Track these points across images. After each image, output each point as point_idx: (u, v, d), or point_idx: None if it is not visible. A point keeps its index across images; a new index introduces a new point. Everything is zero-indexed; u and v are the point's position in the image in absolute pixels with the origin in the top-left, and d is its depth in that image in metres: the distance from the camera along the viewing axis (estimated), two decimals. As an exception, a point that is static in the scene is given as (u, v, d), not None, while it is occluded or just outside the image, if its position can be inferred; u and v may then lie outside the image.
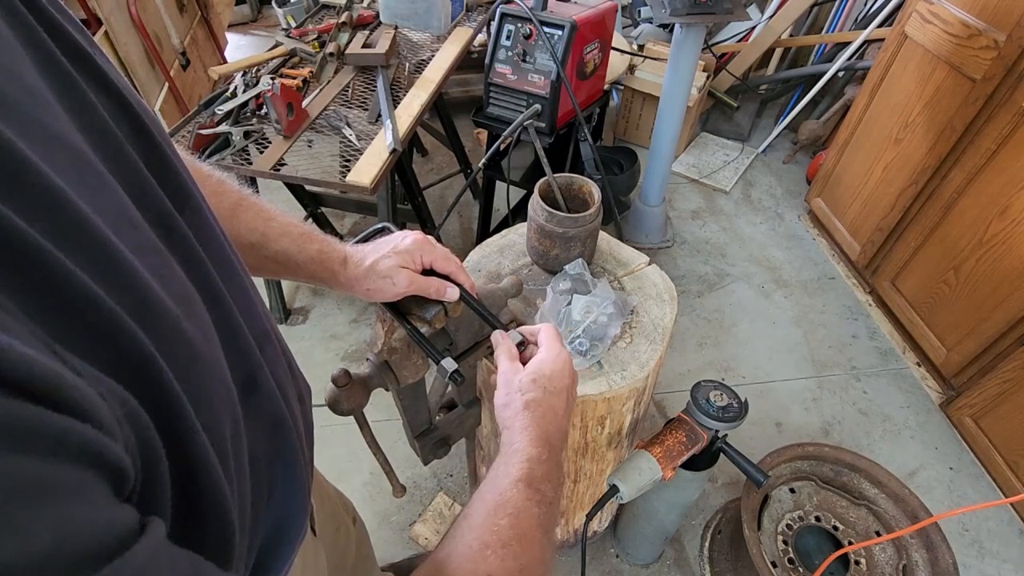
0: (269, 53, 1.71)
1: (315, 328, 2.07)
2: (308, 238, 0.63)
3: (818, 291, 2.22)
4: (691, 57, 1.83)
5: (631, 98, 2.82)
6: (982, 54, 1.59)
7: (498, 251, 1.13)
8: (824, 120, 2.76)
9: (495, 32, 1.69)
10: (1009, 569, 1.49)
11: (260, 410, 0.41)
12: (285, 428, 0.45)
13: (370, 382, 0.73)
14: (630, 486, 0.93)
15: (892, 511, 1.26)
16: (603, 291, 0.94)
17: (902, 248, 1.95)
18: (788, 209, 2.59)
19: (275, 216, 0.62)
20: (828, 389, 1.89)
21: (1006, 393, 1.55)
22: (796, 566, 1.19)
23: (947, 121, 1.73)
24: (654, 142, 2.10)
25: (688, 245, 2.41)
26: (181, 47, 2.50)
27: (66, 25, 0.31)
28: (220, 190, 0.59)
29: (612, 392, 0.90)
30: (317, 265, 0.64)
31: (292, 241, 0.62)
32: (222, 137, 1.45)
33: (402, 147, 1.40)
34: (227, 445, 0.33)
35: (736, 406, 0.98)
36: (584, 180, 1.03)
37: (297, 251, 0.62)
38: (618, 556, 1.50)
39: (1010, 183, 1.55)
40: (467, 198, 2.61)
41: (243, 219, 0.59)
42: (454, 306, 0.70)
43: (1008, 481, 1.59)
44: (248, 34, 3.96)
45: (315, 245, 0.63)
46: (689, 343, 2.03)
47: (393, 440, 1.70)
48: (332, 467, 1.68)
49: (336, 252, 0.65)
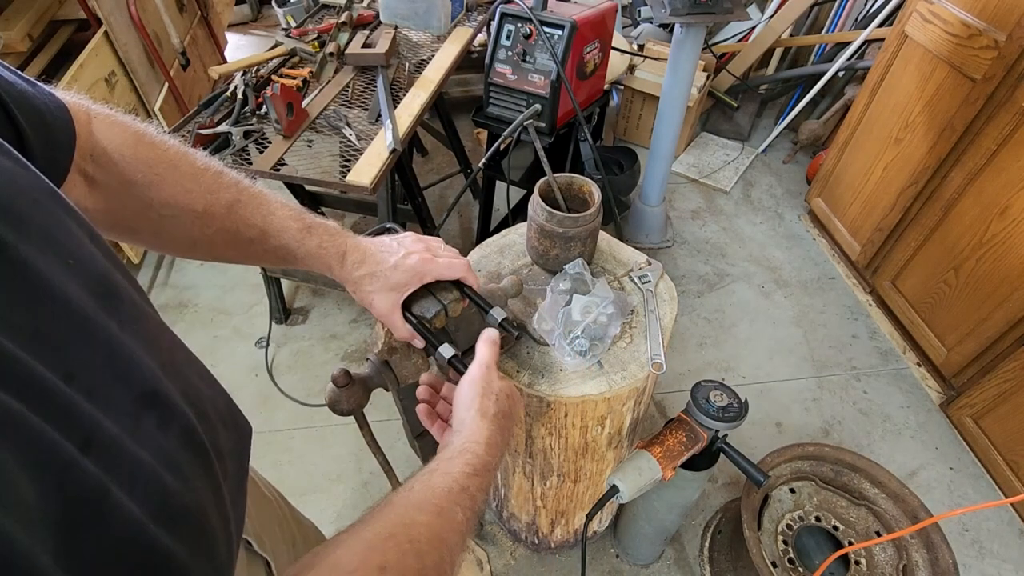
0: (269, 53, 1.71)
1: (315, 328, 2.07)
2: (308, 232, 0.63)
3: (818, 291, 2.22)
4: (691, 57, 1.83)
5: (631, 98, 2.82)
6: (982, 54, 1.59)
7: (498, 251, 1.13)
8: (824, 120, 2.76)
9: (495, 32, 1.69)
10: (1009, 569, 1.49)
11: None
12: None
13: (370, 382, 0.73)
14: (630, 486, 0.93)
15: (892, 511, 1.26)
16: (603, 291, 0.94)
17: (902, 248, 1.95)
18: (788, 209, 2.59)
19: (275, 210, 0.61)
20: (828, 389, 1.89)
21: (1006, 393, 1.55)
22: (796, 566, 1.19)
23: (947, 121, 1.73)
24: (654, 142, 2.10)
25: (688, 245, 2.41)
26: (181, 47, 2.50)
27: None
28: (216, 186, 0.58)
29: (612, 392, 0.90)
30: (315, 260, 0.64)
31: (291, 236, 0.62)
32: (222, 137, 1.45)
33: (402, 147, 1.40)
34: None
35: (736, 406, 0.98)
36: (584, 180, 1.03)
37: (296, 246, 0.62)
38: (618, 556, 1.50)
39: (1010, 183, 1.55)
40: (467, 198, 2.61)
41: (241, 215, 0.59)
42: (454, 306, 0.71)
43: (1008, 481, 1.59)
44: (248, 34, 3.96)
45: (314, 240, 0.63)
46: (689, 343, 2.03)
47: (393, 440, 1.71)
48: (332, 467, 1.68)
49: (335, 247, 0.64)
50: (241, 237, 0.59)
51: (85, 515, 0.28)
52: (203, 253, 0.61)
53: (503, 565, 1.49)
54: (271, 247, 0.61)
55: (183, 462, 0.38)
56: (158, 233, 0.58)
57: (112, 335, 0.36)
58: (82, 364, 0.33)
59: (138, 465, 0.34)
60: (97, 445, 0.31)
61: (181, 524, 0.35)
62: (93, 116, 0.52)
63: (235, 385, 1.86)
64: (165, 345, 0.43)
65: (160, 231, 0.57)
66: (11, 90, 0.41)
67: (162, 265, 2.30)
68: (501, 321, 0.72)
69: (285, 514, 0.79)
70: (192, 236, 0.58)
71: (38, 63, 1.93)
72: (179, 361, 0.44)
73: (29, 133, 0.42)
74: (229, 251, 0.61)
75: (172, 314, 2.10)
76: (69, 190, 0.49)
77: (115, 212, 0.54)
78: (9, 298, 0.29)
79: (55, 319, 0.32)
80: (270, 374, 1.91)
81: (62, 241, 0.35)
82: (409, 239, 0.70)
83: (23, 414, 0.26)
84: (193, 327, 2.06)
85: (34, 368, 0.29)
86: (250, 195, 0.60)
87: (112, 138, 0.52)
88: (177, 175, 0.56)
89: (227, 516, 0.43)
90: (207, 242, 0.59)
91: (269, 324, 2.01)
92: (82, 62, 1.85)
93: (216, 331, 2.05)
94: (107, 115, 0.54)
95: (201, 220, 0.57)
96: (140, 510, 0.32)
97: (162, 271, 2.28)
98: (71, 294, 0.33)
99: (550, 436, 1.02)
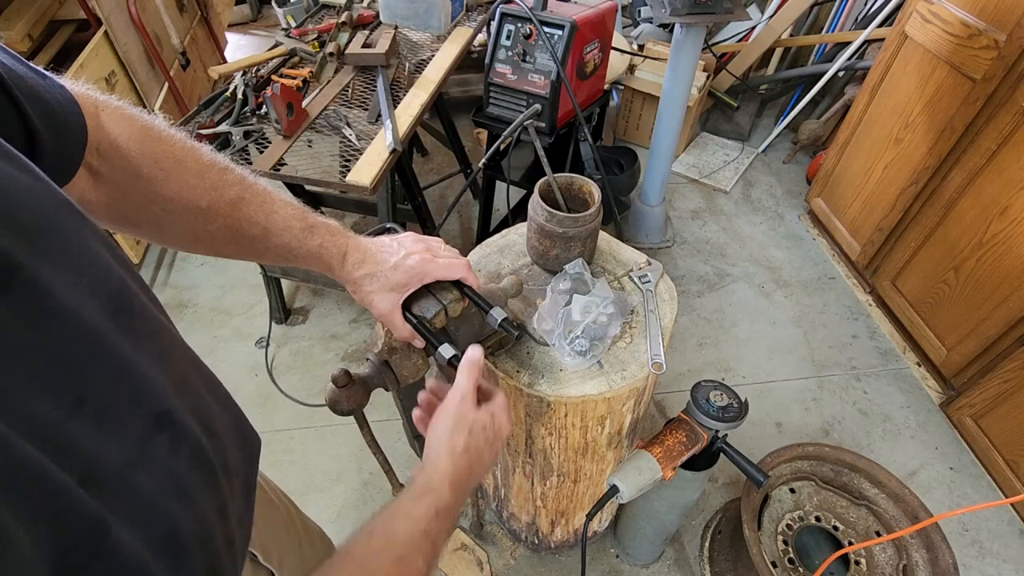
0: (269, 53, 1.71)
1: (315, 328, 2.07)
2: (310, 232, 0.63)
3: (818, 291, 2.22)
4: (691, 57, 1.83)
5: (631, 98, 2.82)
6: (982, 54, 1.59)
7: (498, 251, 1.13)
8: (824, 120, 2.76)
9: (495, 32, 1.69)
10: (1009, 569, 1.49)
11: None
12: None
13: (370, 382, 0.73)
14: (630, 486, 0.93)
15: (892, 511, 1.26)
16: (603, 291, 0.94)
17: (902, 248, 1.95)
18: (788, 209, 2.59)
19: (278, 208, 0.61)
20: (828, 389, 1.89)
21: (1006, 393, 1.55)
22: (796, 566, 1.19)
23: (947, 121, 1.73)
24: (654, 142, 2.10)
25: (688, 245, 2.41)
26: (181, 47, 2.50)
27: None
28: (220, 182, 0.57)
29: (612, 392, 0.90)
30: (316, 259, 0.64)
31: (293, 236, 0.62)
32: (222, 137, 1.45)
33: (402, 147, 1.40)
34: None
35: (736, 406, 0.98)
36: (584, 180, 1.03)
37: (298, 245, 0.62)
38: (618, 556, 1.50)
39: (1010, 183, 1.54)
40: (467, 198, 2.61)
41: (244, 213, 0.59)
42: (454, 306, 0.71)
43: (1008, 481, 1.59)
44: (248, 34, 3.96)
45: (316, 240, 0.63)
46: (689, 343, 2.03)
47: (393, 440, 1.71)
48: (332, 467, 1.68)
49: (336, 247, 0.64)
50: (244, 234, 0.59)
51: (82, 559, 0.27)
52: (205, 248, 0.61)
53: (503, 565, 1.49)
54: (273, 245, 0.61)
55: (191, 484, 0.38)
56: (160, 227, 0.57)
57: (125, 354, 0.35)
58: (94, 387, 0.32)
59: (143, 494, 0.33)
60: (98, 477, 0.30)
61: (184, 557, 0.35)
62: (101, 108, 0.51)
63: (235, 385, 1.86)
64: (177, 359, 0.43)
65: (162, 225, 0.57)
66: (22, 85, 0.40)
67: (162, 265, 2.30)
68: (501, 321, 0.72)
69: (292, 517, 0.79)
70: (195, 231, 0.58)
71: (38, 63, 1.91)
72: (191, 376, 0.44)
73: (42, 132, 0.41)
74: (231, 247, 0.61)
75: (172, 314, 2.09)
76: (73, 183, 0.48)
77: (118, 206, 0.54)
78: (21, 323, 0.29)
79: (67, 341, 0.32)
80: (270, 374, 1.91)
81: (77, 256, 0.35)
82: (409, 239, 0.70)
83: (19, 449, 0.26)
84: (193, 327, 2.06)
85: (34, 398, 0.28)
86: (254, 192, 0.60)
87: (120, 132, 0.52)
88: (183, 171, 0.55)
89: (232, 537, 0.43)
90: (209, 238, 0.59)
91: (269, 324, 2.01)
92: (82, 62, 1.85)
93: (216, 331, 2.05)
94: (116, 107, 0.53)
95: (204, 216, 0.57)
96: (144, 545, 0.31)
97: (162, 271, 2.28)
98: (84, 314, 0.33)
99: (550, 436, 1.02)
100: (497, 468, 1.27)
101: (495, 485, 1.37)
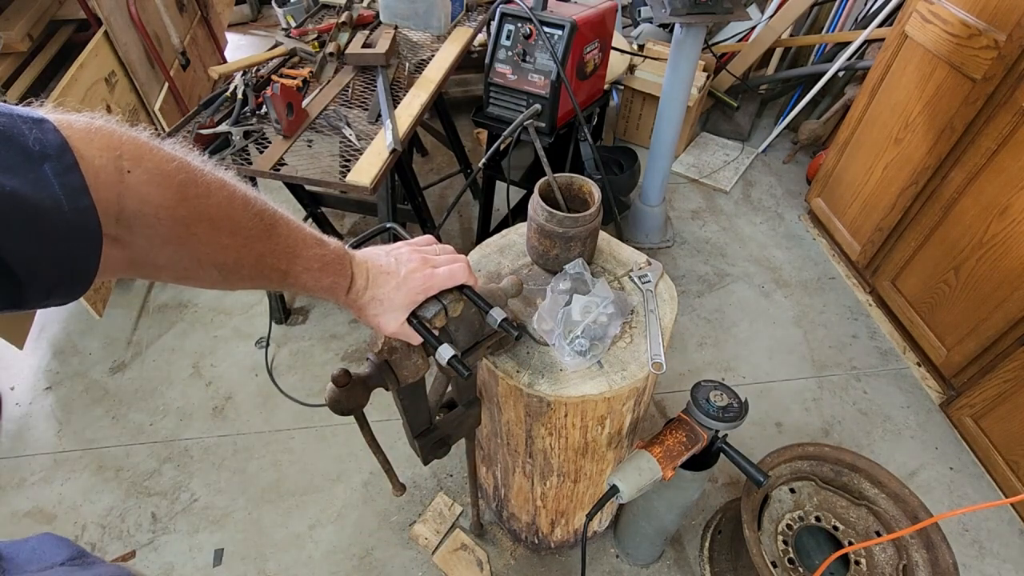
0: (269, 53, 1.71)
1: (315, 328, 2.07)
2: (325, 271, 0.62)
3: (818, 291, 2.22)
4: (691, 57, 1.83)
5: (631, 98, 2.82)
6: (982, 54, 1.59)
7: (498, 251, 1.13)
8: (824, 120, 2.76)
9: (495, 32, 1.69)
10: (1009, 569, 1.49)
11: None
12: None
13: (370, 382, 0.73)
14: (630, 486, 0.93)
15: (892, 511, 1.26)
16: (603, 291, 0.94)
17: (902, 248, 1.95)
18: (788, 209, 2.59)
19: (300, 251, 0.59)
20: (828, 389, 1.89)
21: (1006, 393, 1.55)
22: (796, 566, 1.19)
23: (947, 121, 1.73)
24: (654, 142, 2.10)
25: (688, 245, 2.41)
26: (181, 47, 2.50)
27: None
28: (252, 234, 0.54)
29: (612, 392, 0.90)
30: (326, 293, 0.65)
31: (310, 276, 0.61)
32: (222, 137, 1.45)
33: (402, 147, 1.40)
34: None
35: (736, 406, 0.98)
36: (584, 180, 1.03)
37: (313, 284, 0.62)
38: (618, 556, 1.50)
39: (1010, 183, 1.55)
40: (467, 198, 2.61)
41: (268, 263, 0.57)
42: (454, 306, 0.71)
43: (1008, 481, 1.59)
44: (248, 34, 3.97)
45: (329, 279, 0.63)
46: (689, 343, 2.03)
47: (393, 440, 1.71)
48: (332, 467, 1.68)
49: (344, 279, 0.65)
50: (262, 279, 0.58)
51: None
52: (220, 288, 0.59)
53: (503, 565, 1.49)
54: (287, 284, 0.61)
55: None
56: (179, 278, 0.54)
57: None
58: None
59: None
60: None
61: None
62: (126, 171, 0.43)
63: (235, 385, 1.86)
64: None
65: (184, 277, 0.54)
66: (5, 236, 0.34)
67: (162, 265, 2.29)
68: (501, 321, 0.72)
69: None
70: (212, 280, 0.55)
71: (38, 63, 1.94)
72: None
73: (25, 281, 0.36)
74: (245, 285, 0.59)
75: (172, 314, 2.10)
76: None
77: (136, 263, 0.49)
78: None
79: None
80: (270, 374, 1.91)
81: None
82: (404, 253, 0.69)
83: None
84: (193, 327, 2.06)
85: None
86: (279, 238, 0.57)
87: (150, 199, 0.45)
88: (217, 232, 0.51)
89: None
90: (228, 284, 0.57)
91: (269, 324, 2.01)
92: (82, 62, 1.85)
93: (216, 331, 2.05)
94: (149, 169, 0.45)
95: (229, 270, 0.54)
96: None
97: (162, 271, 2.27)
98: None
99: (550, 436, 1.02)
100: (497, 468, 1.27)
101: (495, 485, 1.37)
